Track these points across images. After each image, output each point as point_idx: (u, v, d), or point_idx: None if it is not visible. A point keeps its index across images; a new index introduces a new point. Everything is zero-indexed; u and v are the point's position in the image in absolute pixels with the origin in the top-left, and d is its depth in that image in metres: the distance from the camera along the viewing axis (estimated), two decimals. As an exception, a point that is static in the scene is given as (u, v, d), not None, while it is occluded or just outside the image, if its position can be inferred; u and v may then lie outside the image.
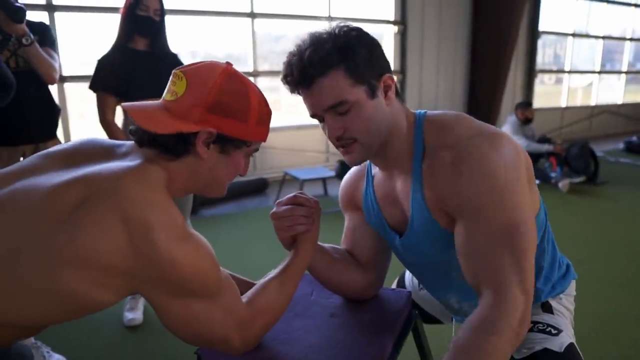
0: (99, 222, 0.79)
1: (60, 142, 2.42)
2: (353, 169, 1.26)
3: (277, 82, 5.91)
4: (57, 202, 0.81)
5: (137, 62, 2.31)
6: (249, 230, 3.91)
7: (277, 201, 1.11)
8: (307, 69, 0.93)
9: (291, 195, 1.10)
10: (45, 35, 2.31)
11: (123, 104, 0.94)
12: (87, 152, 0.94)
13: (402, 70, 6.73)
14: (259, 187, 5.29)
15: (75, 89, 4.55)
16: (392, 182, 1.11)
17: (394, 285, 1.53)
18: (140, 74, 2.30)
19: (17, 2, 2.10)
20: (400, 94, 1.05)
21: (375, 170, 1.17)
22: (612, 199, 4.83)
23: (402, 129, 1.03)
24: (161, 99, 0.95)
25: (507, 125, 5.62)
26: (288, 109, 6.01)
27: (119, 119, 2.47)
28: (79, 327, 2.36)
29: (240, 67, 5.45)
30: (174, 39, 2.46)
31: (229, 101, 0.90)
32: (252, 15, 5.41)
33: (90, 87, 2.38)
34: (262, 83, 5.64)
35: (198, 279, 0.86)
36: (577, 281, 1.26)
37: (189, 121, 0.89)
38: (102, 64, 2.35)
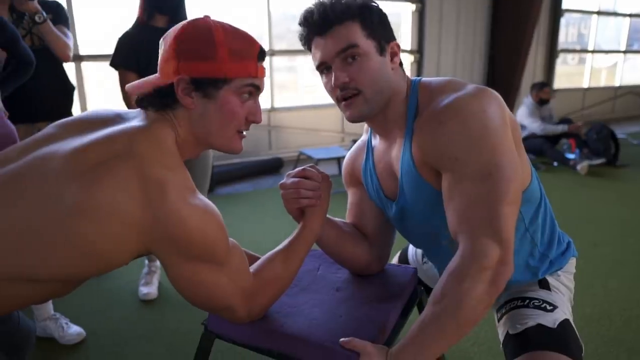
0: (117, 179, 0.83)
1: None
2: (355, 145, 1.29)
3: (294, 62, 5.92)
4: (77, 163, 0.85)
5: (157, 40, 2.31)
6: (263, 208, 3.95)
7: (288, 172, 1.13)
8: (327, 14, 1.00)
9: (301, 168, 1.11)
10: (58, 14, 2.37)
11: (127, 86, 0.99)
12: (99, 119, 0.97)
13: (420, 50, 6.63)
14: (274, 167, 5.32)
15: (93, 67, 4.59)
16: (390, 151, 1.13)
17: (395, 260, 1.54)
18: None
19: None
20: (402, 65, 1.10)
21: (376, 141, 1.19)
22: (632, 182, 4.73)
23: (402, 94, 1.07)
24: None
25: (523, 107, 5.54)
26: (305, 89, 5.99)
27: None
28: (96, 301, 2.43)
29: (256, 46, 5.43)
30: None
31: (192, 45, 0.92)
32: (268, -7, 5.36)
33: (111, 64, 2.40)
34: (278, 62, 5.62)
35: (205, 242, 0.88)
36: (593, 263, 1.26)
37: (166, 75, 0.93)
38: (123, 41, 2.36)
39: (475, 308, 0.87)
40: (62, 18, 2.38)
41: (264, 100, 5.59)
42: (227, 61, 0.92)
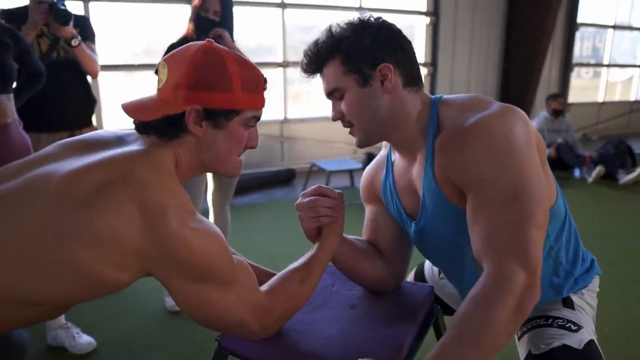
0: (116, 205, 0.82)
1: (96, 130, 2.55)
2: (374, 160, 1.27)
3: (307, 73, 5.93)
4: (75, 186, 0.84)
5: None
6: (275, 220, 3.94)
7: (302, 192, 1.12)
8: (313, 60, 1.05)
9: (315, 186, 1.11)
10: (85, 29, 2.44)
11: (121, 103, 0.97)
12: (101, 141, 0.97)
13: (434, 63, 6.63)
14: (287, 178, 5.33)
15: (109, 78, 4.64)
16: (411, 169, 1.11)
17: (410, 276, 1.52)
18: None
19: (63, 4, 2.20)
20: (415, 82, 1.06)
21: (395, 157, 1.18)
22: (650, 198, 4.66)
23: (410, 115, 1.05)
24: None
25: (535, 121, 5.54)
26: (317, 101, 6.00)
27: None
28: (108, 311, 2.43)
29: (270, 58, 5.48)
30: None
31: (207, 75, 0.90)
32: (283, 5, 5.41)
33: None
34: (292, 74, 5.65)
35: (209, 261, 0.88)
36: (608, 281, 1.23)
37: (175, 103, 0.91)
38: None
39: (499, 334, 0.83)
40: (89, 34, 2.45)
41: (278, 112, 5.62)
42: (240, 93, 0.92)
